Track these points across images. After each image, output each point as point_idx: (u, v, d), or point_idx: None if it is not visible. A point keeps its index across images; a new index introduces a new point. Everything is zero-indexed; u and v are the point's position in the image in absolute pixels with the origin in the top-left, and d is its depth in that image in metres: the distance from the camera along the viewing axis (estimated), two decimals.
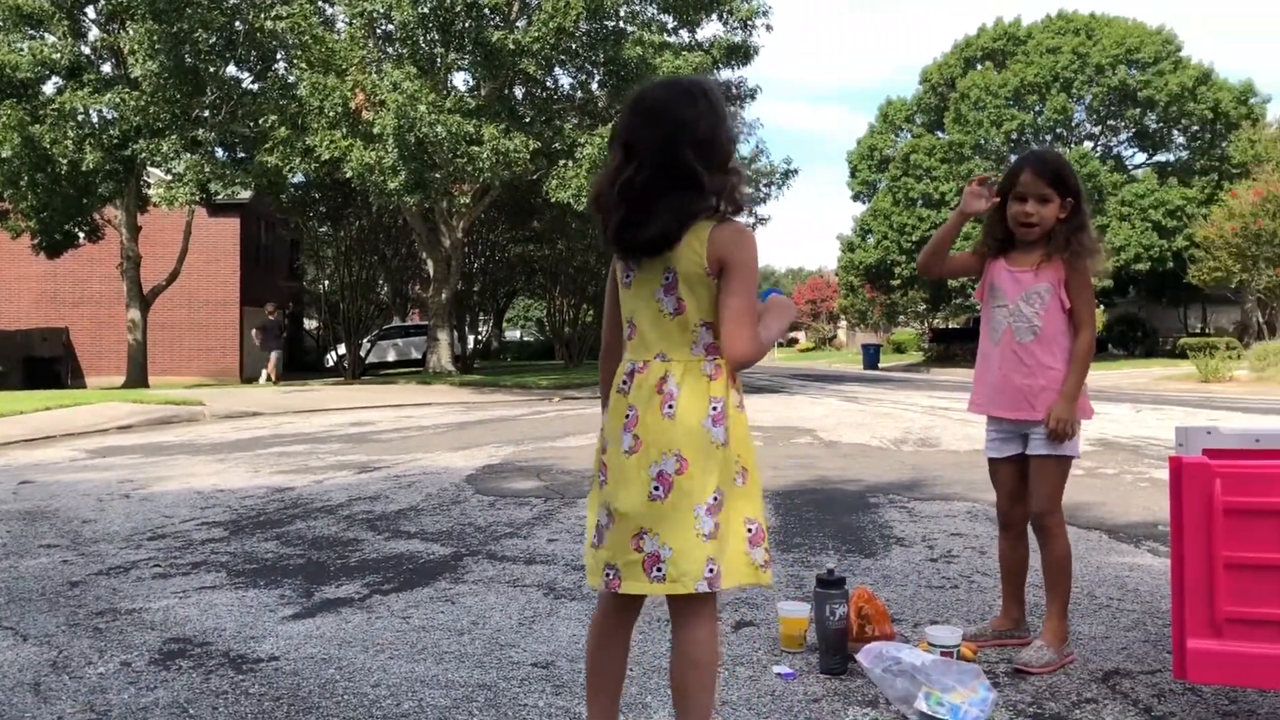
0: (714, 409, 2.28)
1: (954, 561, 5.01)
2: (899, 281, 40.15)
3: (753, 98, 28.35)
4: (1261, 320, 29.53)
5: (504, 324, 48.41)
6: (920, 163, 37.89)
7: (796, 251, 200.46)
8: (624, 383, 2.36)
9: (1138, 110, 37.16)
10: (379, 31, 25.39)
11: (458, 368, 28.98)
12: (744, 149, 30.74)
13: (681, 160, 2.24)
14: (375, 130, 21.41)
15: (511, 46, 21.46)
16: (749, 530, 2.33)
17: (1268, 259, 26.80)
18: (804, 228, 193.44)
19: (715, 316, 2.28)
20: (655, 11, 24.26)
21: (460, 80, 25.60)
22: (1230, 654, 2.63)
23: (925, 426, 12.63)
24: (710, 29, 26.51)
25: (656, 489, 2.25)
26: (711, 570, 2.26)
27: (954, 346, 44.14)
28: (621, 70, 22.11)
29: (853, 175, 43.31)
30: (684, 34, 25.63)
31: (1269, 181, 27.15)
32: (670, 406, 2.27)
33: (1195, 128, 37.28)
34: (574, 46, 22.59)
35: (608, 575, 2.33)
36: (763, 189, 30.36)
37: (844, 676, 3.32)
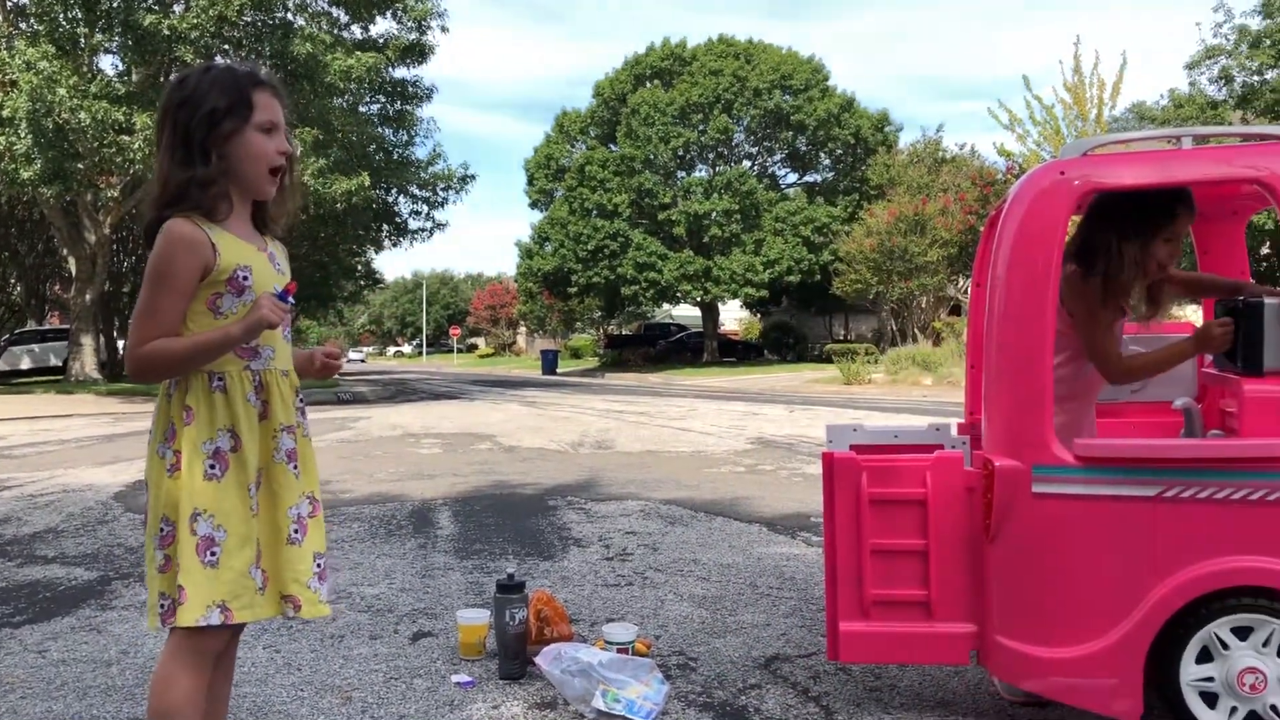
0: (167, 432, 2.13)
1: (629, 559, 5.15)
2: (576, 289, 41.01)
3: (429, 98, 28.01)
4: (895, 328, 32.73)
5: None
6: (595, 174, 38.89)
7: (475, 258, 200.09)
8: None
9: (790, 133, 40.11)
10: (9, 5, 22.86)
11: (105, 375, 26.59)
12: (420, 151, 30.25)
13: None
14: (4, 113, 19.25)
15: (166, 32, 19.95)
16: (317, 566, 2.24)
17: (899, 273, 29.76)
18: (482, 233, 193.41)
19: (193, 325, 2.12)
20: (326, 4, 23.41)
21: (108, 64, 23.56)
22: (877, 634, 2.86)
23: (601, 429, 12.96)
24: (384, 25, 25.94)
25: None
26: (164, 605, 2.08)
27: (627, 352, 45.71)
28: (290, 65, 21.13)
29: (530, 183, 43.83)
30: (357, 30, 24.91)
31: (900, 203, 30.15)
32: (151, 430, 2.20)
33: (839, 151, 40.75)
34: (238, 36, 21.35)
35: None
36: (440, 193, 30.00)
37: (523, 681, 3.32)
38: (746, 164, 41.30)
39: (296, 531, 2.20)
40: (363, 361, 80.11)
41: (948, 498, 2.81)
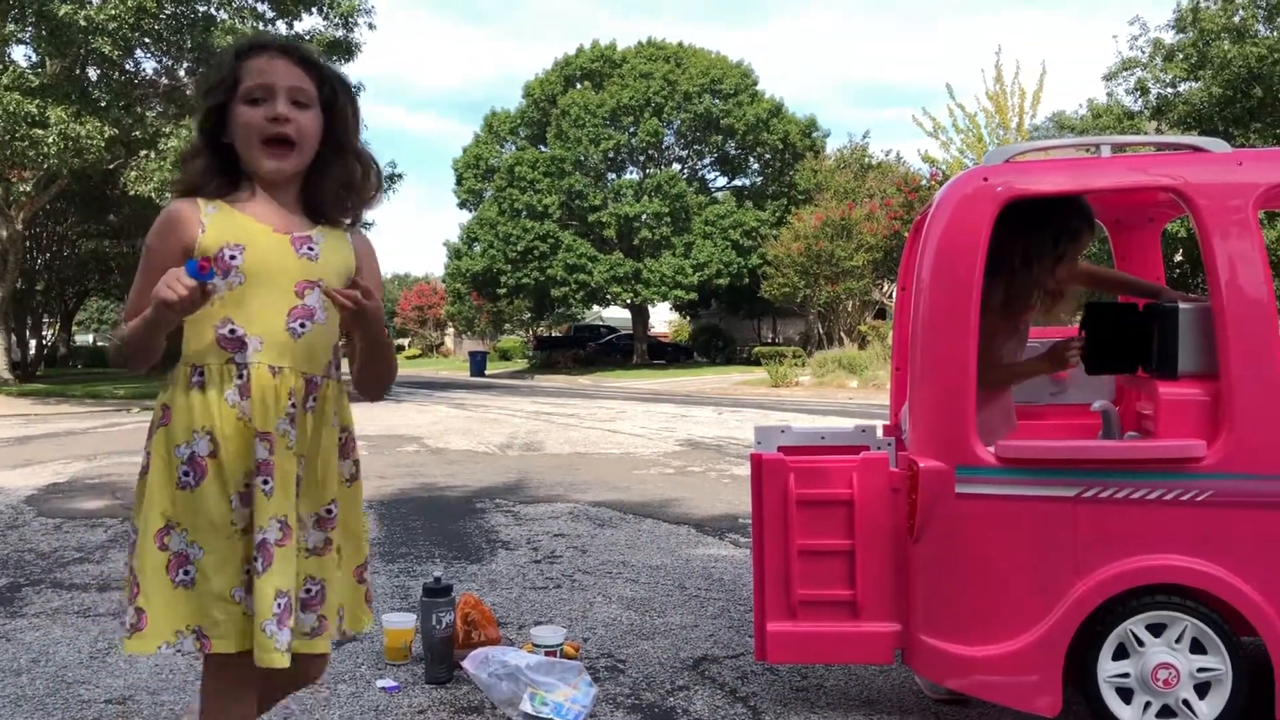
0: (149, 429, 1.97)
1: (557, 562, 5.13)
2: (505, 290, 40.77)
3: (356, 95, 27.59)
4: (821, 331, 33.09)
5: (74, 328, 43.73)
6: (524, 175, 38.69)
7: (403, 258, 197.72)
8: None
9: (720, 137, 40.32)
10: None
11: (17, 376, 25.78)
12: None
13: None
14: None
15: (83, 23, 19.40)
16: (278, 606, 1.88)
17: (826, 277, 30.11)
18: (410, 233, 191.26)
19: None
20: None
21: (20, 55, 22.81)
22: (804, 634, 2.88)
23: (530, 431, 12.90)
24: (310, 22, 25.50)
25: None
26: (124, 623, 1.93)
27: (556, 353, 45.56)
28: (212, 59, 20.69)
29: (459, 183, 43.43)
30: (282, 26, 24.47)
31: (828, 208, 30.50)
32: None
33: (768, 155, 41.09)
34: (157, 29, 20.84)
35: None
36: None
37: (450, 685, 3.29)
38: (676, 167, 41.44)
39: (258, 560, 1.88)
40: None
41: (873, 498, 2.84)
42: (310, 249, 1.97)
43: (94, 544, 5.67)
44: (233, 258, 1.89)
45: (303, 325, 1.94)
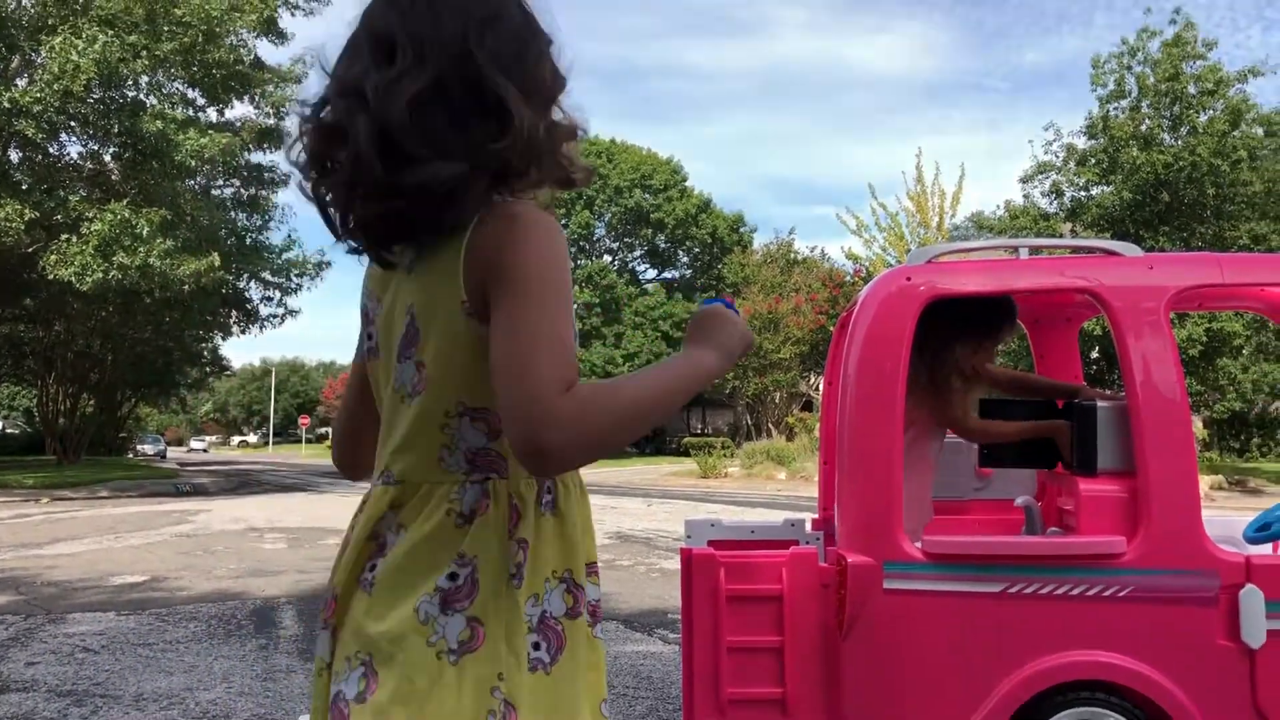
0: (450, 585, 1.16)
1: None
2: None
3: (285, 184, 27.56)
4: (750, 422, 33.36)
5: None
6: None
7: (330, 348, 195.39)
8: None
9: (650, 230, 41.08)
10: None
11: None
12: (276, 237, 29.62)
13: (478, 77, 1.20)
14: None
15: (7, 105, 19.18)
16: None
17: (754, 368, 30.53)
18: (337, 322, 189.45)
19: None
20: (182, 85, 22.93)
21: None
22: None
23: None
24: (241, 109, 25.53)
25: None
26: None
27: None
28: (139, 143, 20.55)
29: None
30: (213, 113, 24.43)
31: (755, 301, 31.06)
32: (383, 569, 1.21)
33: (697, 249, 41.93)
34: (84, 112, 20.67)
35: None
36: (294, 279, 29.36)
37: None
38: (607, 259, 41.94)
39: None
40: (205, 452, 76.99)
41: (803, 594, 2.82)
42: None
43: None
44: None
45: None
